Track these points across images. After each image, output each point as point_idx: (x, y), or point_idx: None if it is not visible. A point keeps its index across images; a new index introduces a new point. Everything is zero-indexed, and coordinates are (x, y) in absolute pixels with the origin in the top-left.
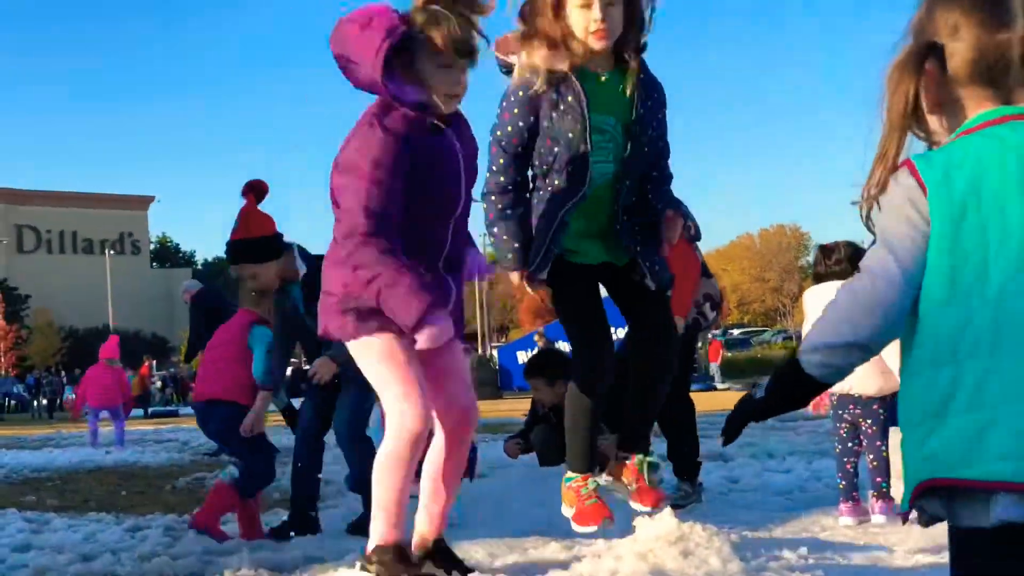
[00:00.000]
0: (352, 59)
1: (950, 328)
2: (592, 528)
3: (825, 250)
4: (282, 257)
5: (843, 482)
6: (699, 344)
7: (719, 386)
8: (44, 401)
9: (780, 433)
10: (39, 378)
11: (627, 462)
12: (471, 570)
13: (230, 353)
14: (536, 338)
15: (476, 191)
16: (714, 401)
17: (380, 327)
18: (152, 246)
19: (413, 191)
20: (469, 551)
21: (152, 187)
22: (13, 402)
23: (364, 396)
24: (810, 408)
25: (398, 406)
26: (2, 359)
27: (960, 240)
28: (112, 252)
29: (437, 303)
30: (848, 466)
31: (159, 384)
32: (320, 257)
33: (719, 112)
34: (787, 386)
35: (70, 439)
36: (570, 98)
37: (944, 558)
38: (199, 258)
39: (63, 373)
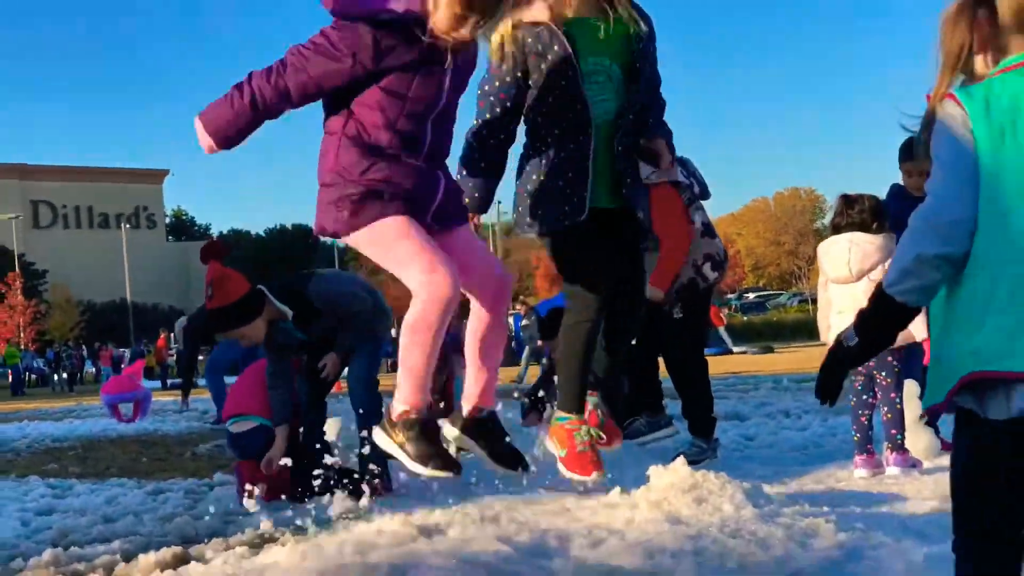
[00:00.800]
0: None
1: (990, 237)
2: (581, 478)
3: (848, 200)
4: (264, 310)
5: (858, 435)
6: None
7: (734, 349)
8: (64, 375)
9: (795, 393)
10: (59, 352)
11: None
12: (518, 455)
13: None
14: (519, 308)
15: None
16: (729, 363)
17: (381, 212)
18: (167, 220)
19: (393, 86)
20: (486, 506)
21: (166, 161)
22: (34, 376)
23: (374, 362)
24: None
25: (425, 277)
26: (22, 334)
27: (999, 160)
28: (128, 226)
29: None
30: (863, 419)
31: (176, 357)
32: (292, 286)
33: (734, 75)
34: (880, 322)
35: (91, 410)
36: (556, 47)
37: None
38: (214, 231)
39: (83, 347)
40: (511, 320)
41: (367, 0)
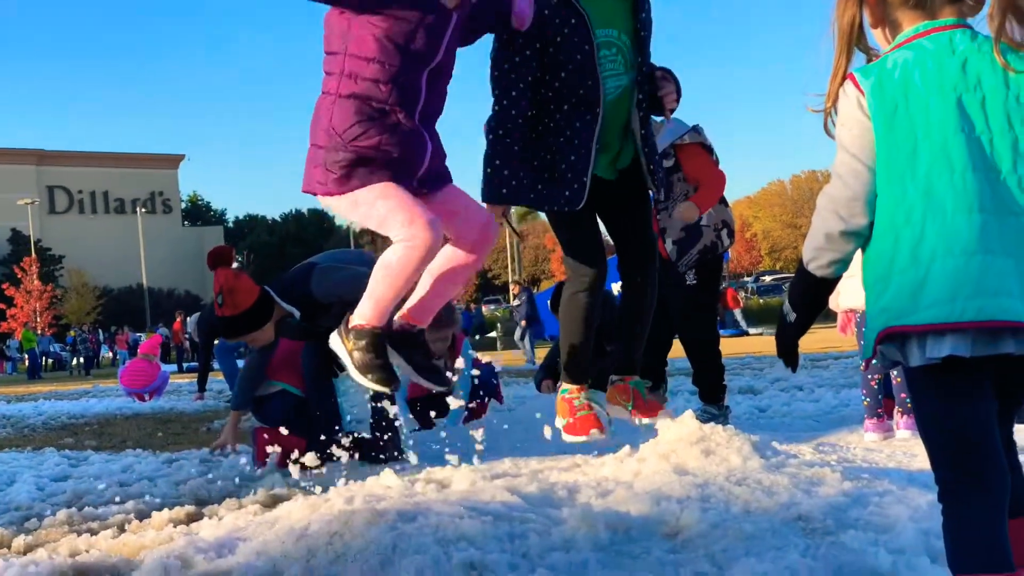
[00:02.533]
0: None
1: (890, 203)
2: (581, 439)
3: None
4: (273, 314)
5: (868, 399)
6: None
7: (751, 331)
8: (81, 359)
9: (810, 370)
10: (76, 336)
11: (621, 384)
12: (440, 371)
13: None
14: (513, 287)
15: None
16: (744, 345)
17: (368, 178)
18: (183, 205)
19: (391, 33)
20: (495, 465)
21: (182, 146)
22: (51, 361)
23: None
24: (838, 329)
25: (407, 229)
26: (38, 319)
27: (893, 131)
28: (144, 211)
29: None
30: (873, 383)
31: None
32: (296, 287)
33: (750, 58)
34: (807, 295)
35: (108, 391)
36: (573, 20)
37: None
38: (230, 215)
39: (100, 331)
40: None
41: None
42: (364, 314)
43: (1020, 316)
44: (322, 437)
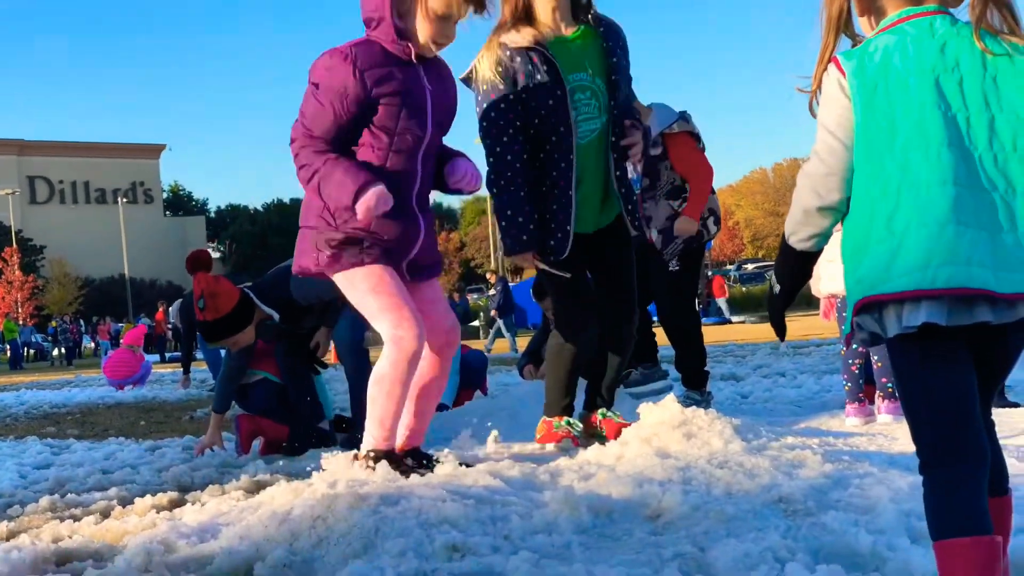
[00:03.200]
0: None
1: (868, 178)
2: (553, 444)
3: None
4: (254, 316)
5: (849, 384)
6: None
7: (733, 319)
8: (63, 350)
9: (793, 357)
10: (57, 327)
11: (592, 413)
12: (438, 462)
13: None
14: (489, 275)
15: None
16: (727, 333)
17: (358, 259)
18: (165, 195)
19: (381, 120)
20: (478, 450)
21: (163, 136)
22: (32, 351)
23: (356, 323)
24: (821, 315)
25: (395, 332)
26: (20, 309)
27: (873, 110)
28: (125, 201)
29: (372, 180)
30: (854, 368)
31: (173, 332)
32: (275, 290)
33: (729, 46)
34: (790, 268)
35: (90, 381)
36: (545, 67)
37: None
38: (212, 205)
39: (81, 322)
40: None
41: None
42: (373, 442)
43: (991, 285)
44: (303, 430)
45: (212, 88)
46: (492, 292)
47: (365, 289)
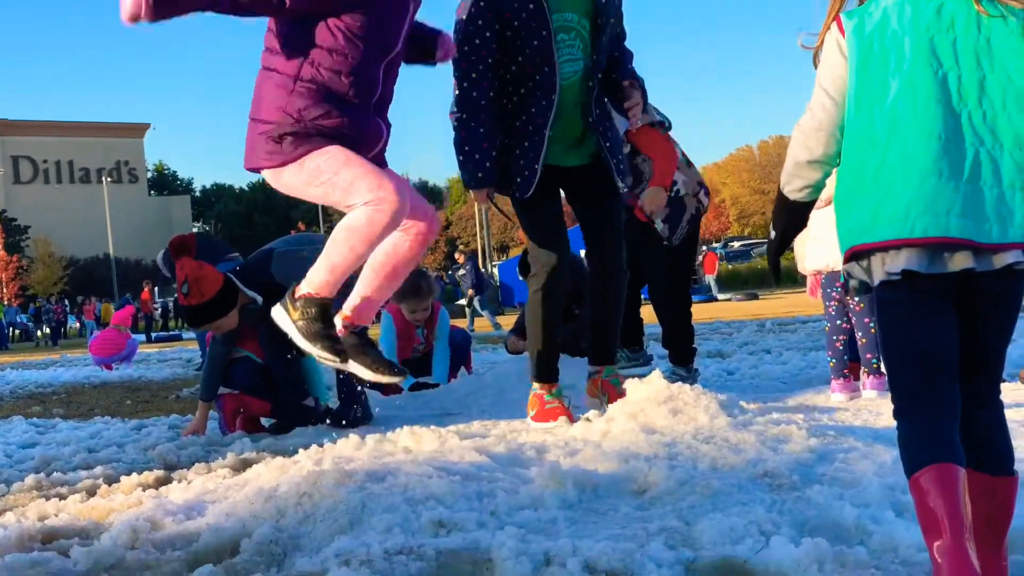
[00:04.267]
0: None
1: (859, 131)
2: (549, 424)
3: None
4: (238, 300)
5: (833, 360)
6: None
7: (719, 296)
8: (48, 330)
9: (779, 335)
10: (40, 307)
11: (596, 377)
12: (392, 363)
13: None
14: (457, 256)
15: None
16: (713, 310)
17: (324, 143)
18: (149, 174)
19: (361, 25)
20: (464, 427)
21: (147, 115)
22: (17, 331)
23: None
24: (808, 293)
25: (376, 193)
26: (4, 289)
27: (867, 67)
28: (109, 181)
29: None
30: (838, 344)
31: (160, 311)
32: (258, 273)
33: (714, 24)
34: (785, 215)
35: (75, 361)
36: (531, 5)
37: None
38: (197, 185)
39: (66, 301)
40: (496, 269)
41: None
42: (315, 282)
43: (971, 235)
44: (286, 406)
45: (197, 67)
46: (462, 272)
47: (337, 165)
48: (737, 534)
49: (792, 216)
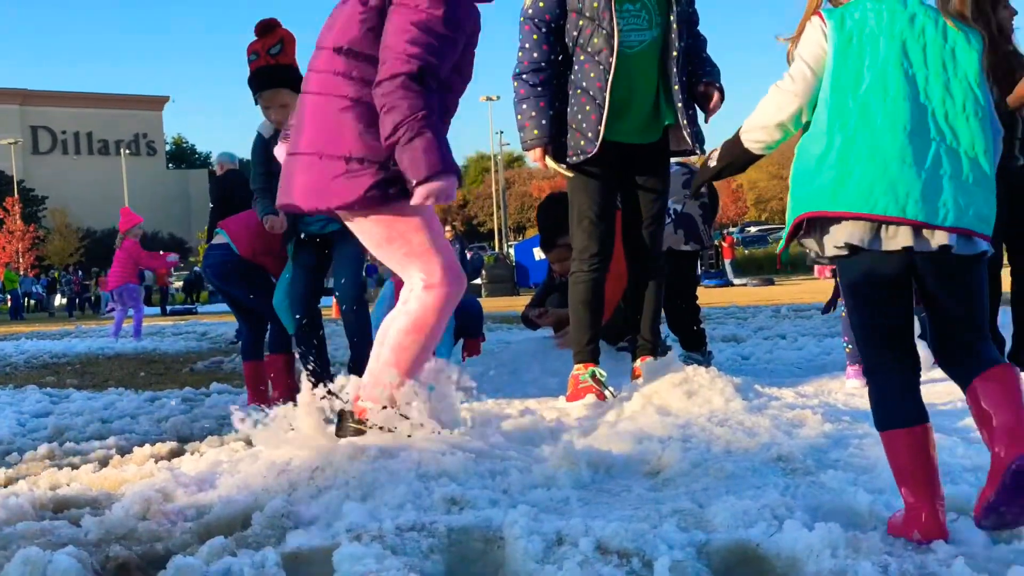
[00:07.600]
0: None
1: (832, 111)
2: (578, 403)
3: None
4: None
5: (849, 346)
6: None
7: (735, 281)
8: (64, 300)
9: (794, 320)
10: (53, 278)
11: (638, 363)
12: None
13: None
14: (447, 231)
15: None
16: (729, 295)
17: (405, 192)
18: (167, 147)
19: (461, 60)
20: (479, 406)
21: (167, 87)
22: (33, 302)
23: (360, 259)
24: (815, 272)
25: (444, 274)
26: (21, 259)
27: (845, 57)
28: (127, 153)
29: (453, 167)
30: None
31: (176, 284)
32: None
33: (738, 7)
34: (733, 156)
35: (90, 332)
36: None
37: (944, 406)
38: (215, 159)
39: (80, 273)
40: (512, 251)
41: None
42: (375, 395)
43: (926, 217)
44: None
45: (217, 40)
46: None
47: (414, 224)
48: (750, 517)
49: (738, 160)
